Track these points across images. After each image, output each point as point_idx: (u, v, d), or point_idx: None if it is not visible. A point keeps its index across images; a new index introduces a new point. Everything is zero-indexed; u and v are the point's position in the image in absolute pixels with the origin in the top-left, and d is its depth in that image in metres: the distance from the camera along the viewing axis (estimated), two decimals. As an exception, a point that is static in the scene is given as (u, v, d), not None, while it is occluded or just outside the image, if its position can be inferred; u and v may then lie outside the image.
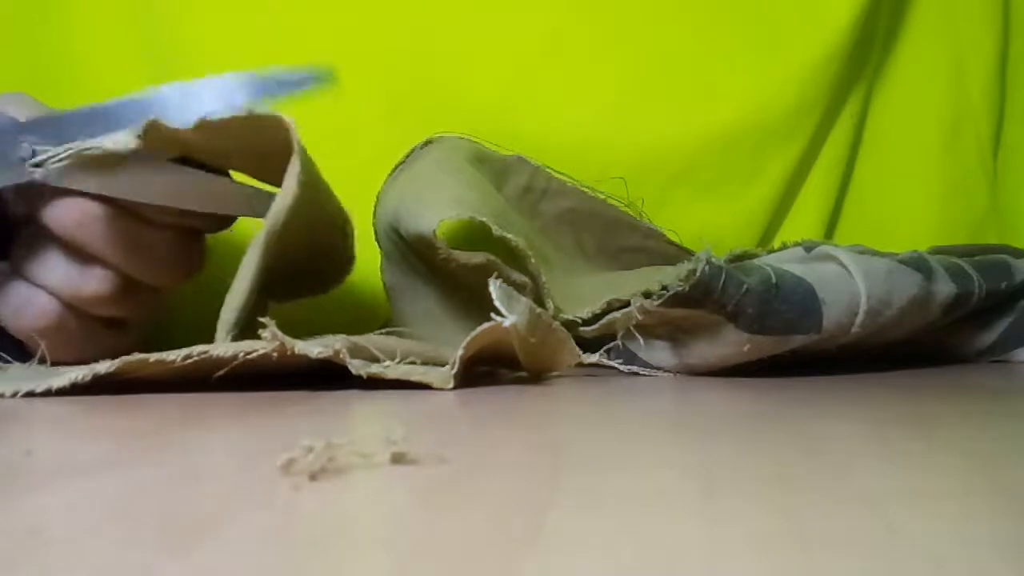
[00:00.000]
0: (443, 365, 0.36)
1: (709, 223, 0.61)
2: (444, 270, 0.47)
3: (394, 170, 0.52)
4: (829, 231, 0.65)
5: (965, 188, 0.66)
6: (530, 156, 0.57)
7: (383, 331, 0.38)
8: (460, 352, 0.35)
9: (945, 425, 0.30)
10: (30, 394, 0.33)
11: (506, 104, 0.59)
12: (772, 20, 0.62)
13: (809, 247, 0.45)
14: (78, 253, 0.40)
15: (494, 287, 0.35)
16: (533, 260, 0.46)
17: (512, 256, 0.46)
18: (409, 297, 0.51)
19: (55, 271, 0.41)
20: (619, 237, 0.58)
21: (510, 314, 0.34)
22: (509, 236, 0.45)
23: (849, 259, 0.41)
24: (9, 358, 0.39)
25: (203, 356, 0.33)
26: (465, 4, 0.60)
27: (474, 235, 0.50)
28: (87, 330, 0.42)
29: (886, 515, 0.17)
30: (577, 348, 0.40)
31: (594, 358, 0.42)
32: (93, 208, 0.39)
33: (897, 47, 0.66)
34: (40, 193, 0.39)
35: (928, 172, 0.66)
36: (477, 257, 0.45)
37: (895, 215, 0.65)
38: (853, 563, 0.14)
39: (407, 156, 0.53)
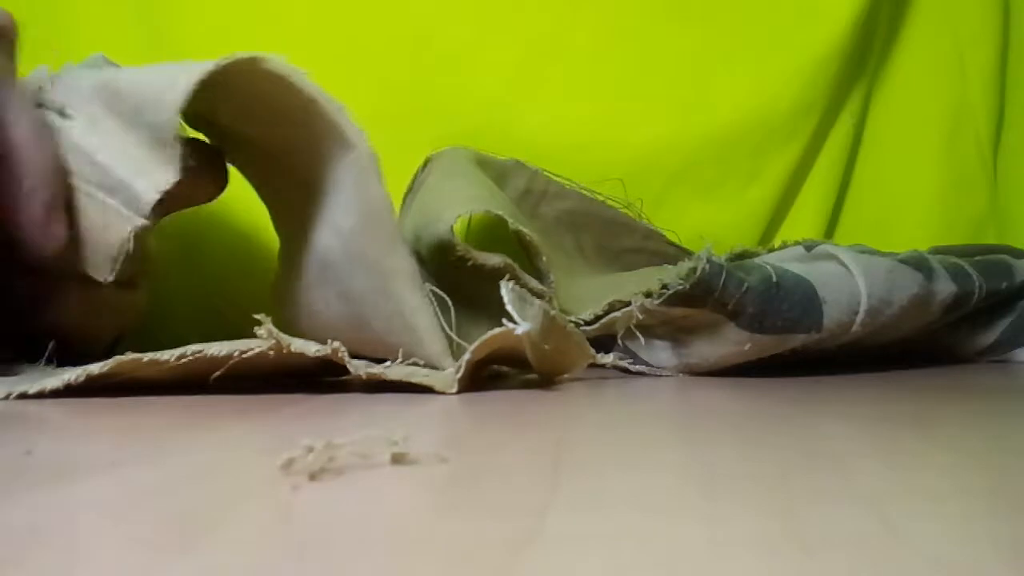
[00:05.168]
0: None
1: (709, 223, 0.61)
2: (456, 279, 0.46)
3: (404, 199, 0.52)
4: (829, 231, 0.65)
5: (965, 188, 0.66)
6: (529, 157, 0.56)
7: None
8: (467, 356, 0.34)
9: (945, 425, 0.30)
10: (23, 396, 0.33)
11: (506, 104, 0.59)
12: (772, 20, 0.62)
13: (809, 246, 0.45)
14: None
15: (506, 290, 0.34)
16: (545, 258, 0.45)
17: (520, 256, 0.45)
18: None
19: None
20: (618, 238, 0.58)
21: (523, 319, 0.33)
22: (524, 230, 0.44)
23: (850, 258, 0.41)
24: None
25: (197, 356, 0.32)
26: (465, 4, 0.60)
27: (483, 236, 0.50)
28: (112, 293, 0.42)
29: (886, 515, 0.17)
30: (591, 349, 0.39)
31: (609, 359, 0.41)
32: None
33: (897, 47, 0.66)
34: None
35: (928, 172, 0.66)
36: (494, 259, 0.43)
37: (895, 215, 0.65)
38: (853, 563, 0.14)
39: (413, 183, 0.53)
